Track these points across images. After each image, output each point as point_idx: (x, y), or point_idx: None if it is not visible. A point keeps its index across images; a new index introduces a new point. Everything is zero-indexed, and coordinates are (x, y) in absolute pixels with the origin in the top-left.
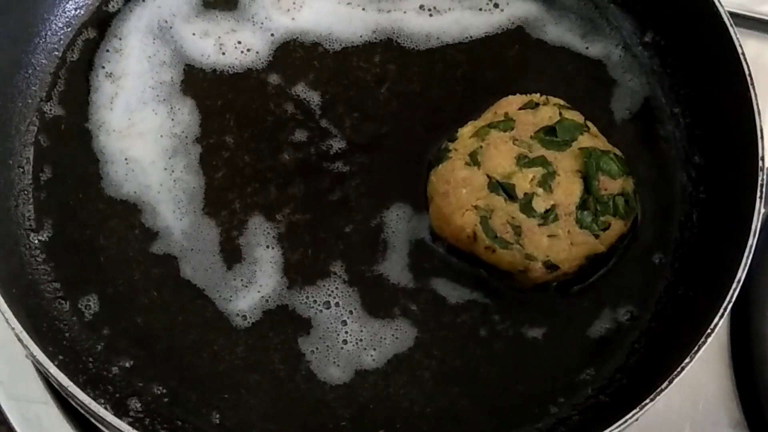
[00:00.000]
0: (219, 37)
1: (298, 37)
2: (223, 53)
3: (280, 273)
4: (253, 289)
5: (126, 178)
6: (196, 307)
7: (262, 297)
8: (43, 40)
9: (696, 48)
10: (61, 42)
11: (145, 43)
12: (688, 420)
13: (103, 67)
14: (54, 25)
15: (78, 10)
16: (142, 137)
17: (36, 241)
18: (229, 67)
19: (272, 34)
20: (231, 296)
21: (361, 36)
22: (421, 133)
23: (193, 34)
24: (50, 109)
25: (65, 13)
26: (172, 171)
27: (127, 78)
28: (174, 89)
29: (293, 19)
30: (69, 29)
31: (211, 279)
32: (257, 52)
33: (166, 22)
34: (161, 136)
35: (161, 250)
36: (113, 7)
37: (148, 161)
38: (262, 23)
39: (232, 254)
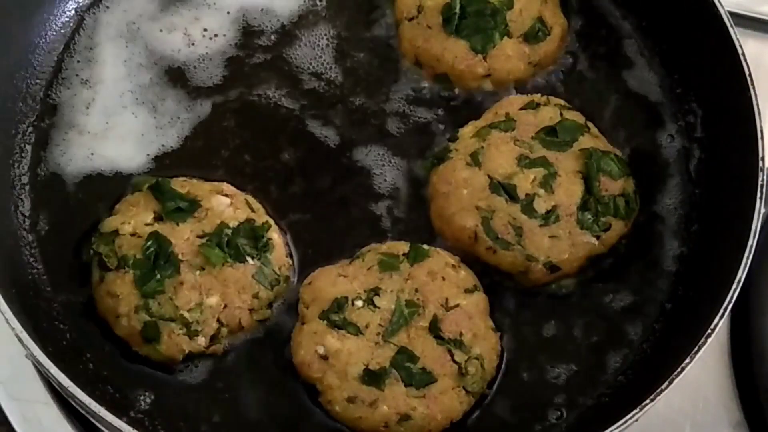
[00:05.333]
0: (185, 29)
1: (249, 9)
2: (193, 44)
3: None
4: None
5: (109, 184)
6: None
7: None
8: (43, 40)
9: (696, 48)
10: (61, 42)
11: (118, 48)
12: (688, 420)
13: (77, 75)
14: (54, 25)
15: (78, 11)
16: (123, 139)
17: (35, 241)
18: (202, 56)
19: (228, 12)
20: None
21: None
22: (419, 131)
23: (161, 30)
24: (49, 109)
25: (65, 13)
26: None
27: (104, 84)
28: (154, 89)
29: None
30: (69, 29)
31: None
32: (224, 35)
33: (134, 23)
34: (142, 135)
35: None
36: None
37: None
38: (215, 3)
39: None
